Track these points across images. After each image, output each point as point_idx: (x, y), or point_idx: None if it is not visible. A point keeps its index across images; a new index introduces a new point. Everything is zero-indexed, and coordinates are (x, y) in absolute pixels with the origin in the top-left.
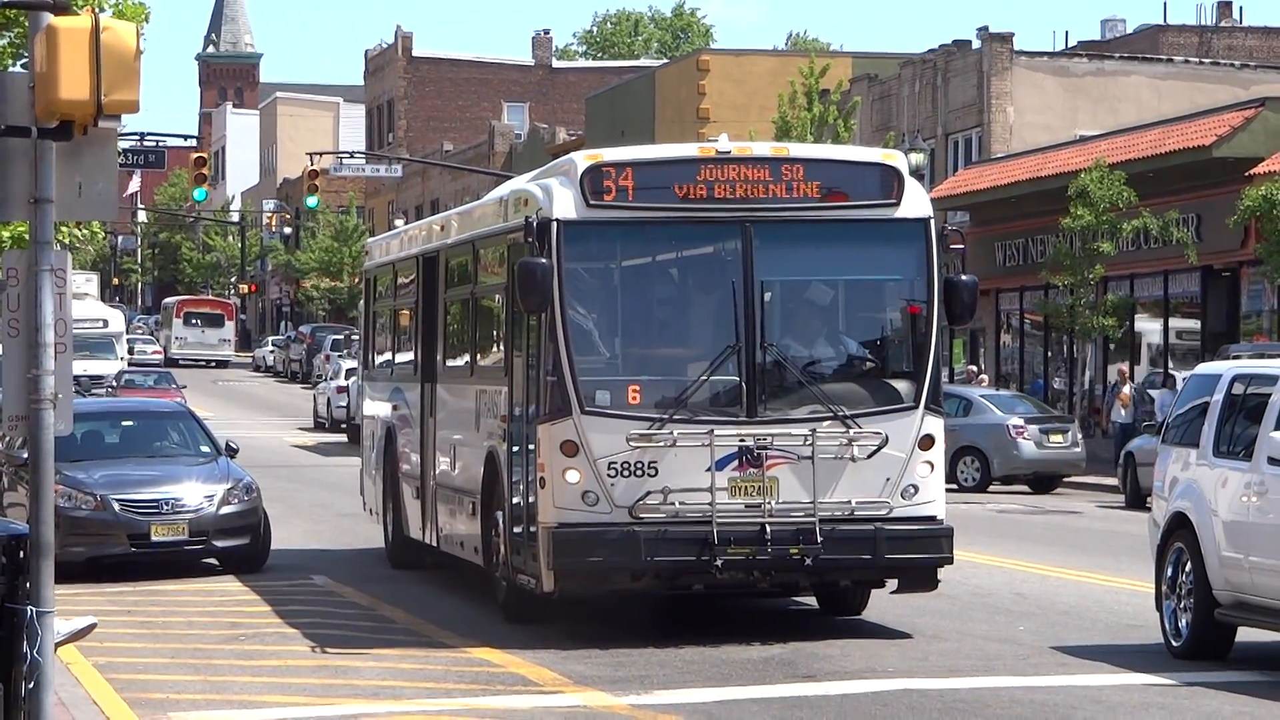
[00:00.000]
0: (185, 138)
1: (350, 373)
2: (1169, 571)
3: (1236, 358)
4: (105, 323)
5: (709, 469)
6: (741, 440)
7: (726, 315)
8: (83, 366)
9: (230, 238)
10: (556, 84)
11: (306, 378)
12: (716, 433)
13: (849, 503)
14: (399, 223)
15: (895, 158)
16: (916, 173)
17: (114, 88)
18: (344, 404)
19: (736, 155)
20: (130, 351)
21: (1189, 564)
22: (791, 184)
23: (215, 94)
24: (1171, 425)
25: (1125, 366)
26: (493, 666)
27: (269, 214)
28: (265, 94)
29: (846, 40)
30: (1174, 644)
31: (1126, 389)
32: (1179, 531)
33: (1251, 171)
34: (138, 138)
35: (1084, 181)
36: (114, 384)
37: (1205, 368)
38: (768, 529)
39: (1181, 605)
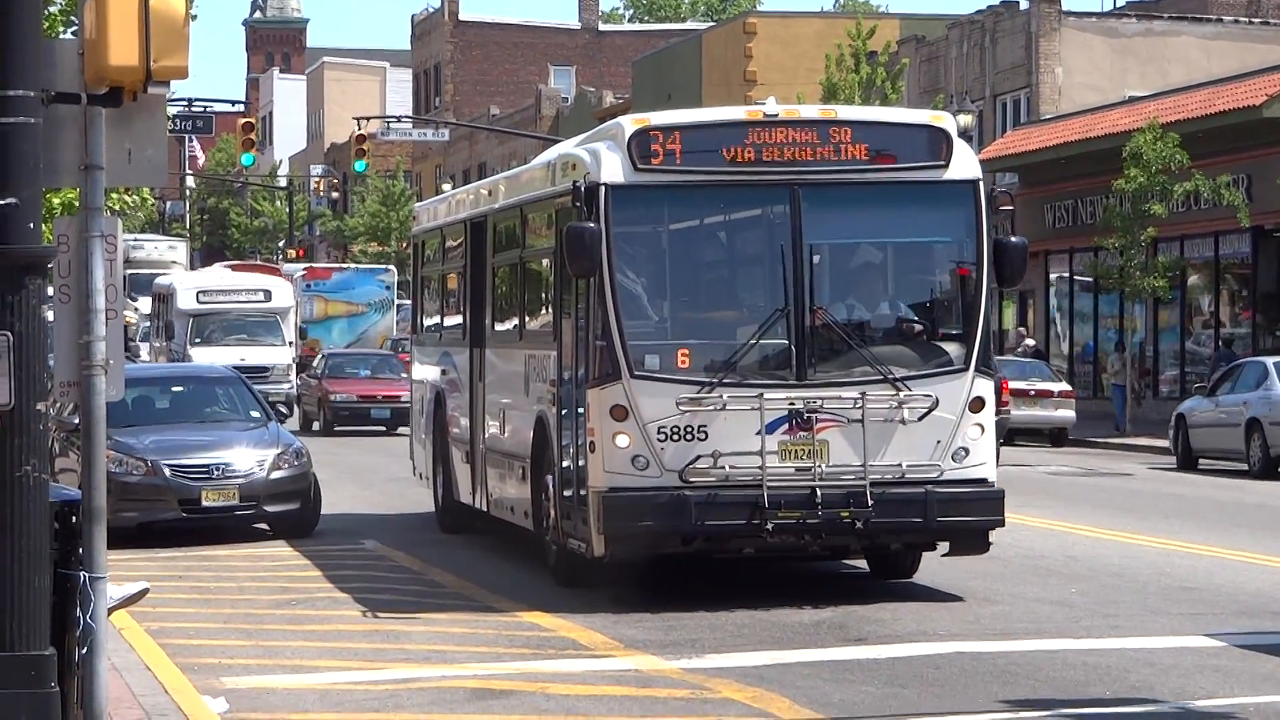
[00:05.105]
0: (233, 103)
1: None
2: None
3: None
4: (267, 294)
5: (759, 432)
6: (791, 403)
7: (775, 278)
8: (239, 355)
9: (278, 203)
10: (603, 47)
11: None
12: (766, 396)
13: (899, 465)
14: (446, 187)
15: (943, 119)
16: (965, 134)
17: (163, 54)
18: None
19: (784, 118)
20: None
21: None
22: (839, 146)
23: (262, 59)
24: None
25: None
26: (543, 631)
27: (316, 179)
28: (312, 59)
29: (893, 2)
30: None
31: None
32: None
33: None
34: (186, 104)
35: (1138, 143)
36: (317, 374)
37: None
38: (818, 492)
39: None
